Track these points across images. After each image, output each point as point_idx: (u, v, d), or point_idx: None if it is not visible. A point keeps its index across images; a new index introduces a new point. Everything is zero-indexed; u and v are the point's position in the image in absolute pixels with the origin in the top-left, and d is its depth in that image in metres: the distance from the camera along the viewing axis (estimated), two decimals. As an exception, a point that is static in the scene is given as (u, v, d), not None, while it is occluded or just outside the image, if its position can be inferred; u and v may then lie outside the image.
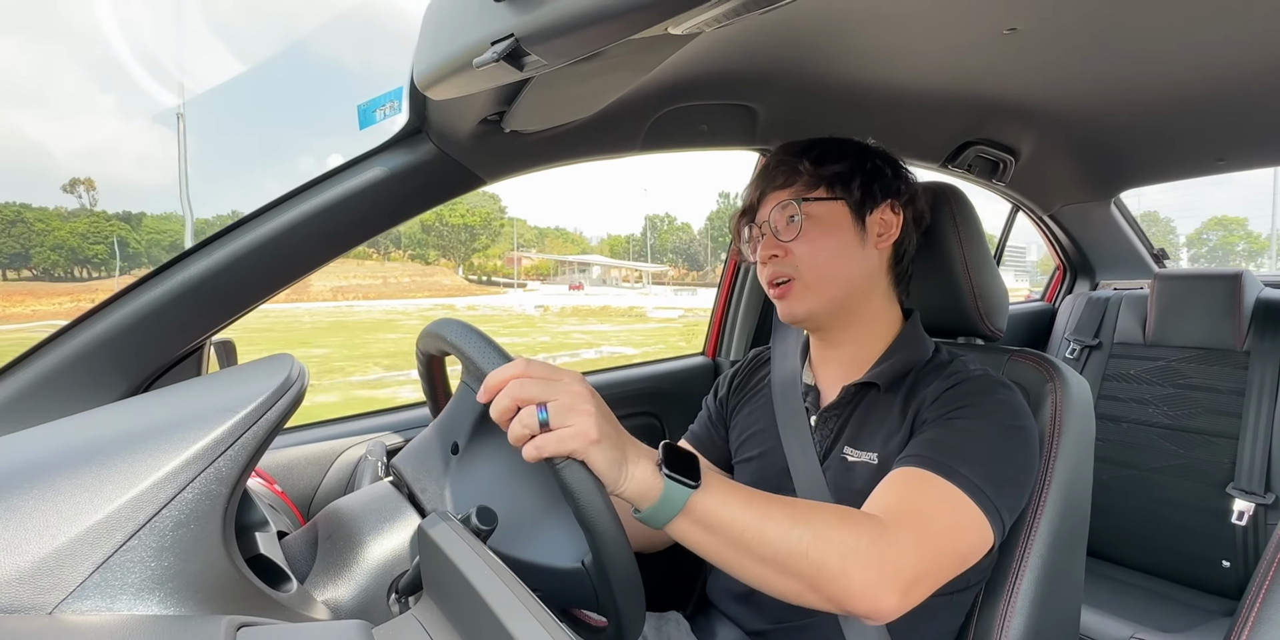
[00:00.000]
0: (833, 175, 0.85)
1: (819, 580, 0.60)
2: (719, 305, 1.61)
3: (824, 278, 0.84)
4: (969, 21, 0.93)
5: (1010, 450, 0.74)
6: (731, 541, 0.61)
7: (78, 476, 0.49)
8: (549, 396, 0.56)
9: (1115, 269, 2.18)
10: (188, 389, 0.70)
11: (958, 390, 0.78)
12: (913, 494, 0.69)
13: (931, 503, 0.68)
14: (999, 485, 0.70)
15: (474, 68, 0.57)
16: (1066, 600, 0.84)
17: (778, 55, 1.01)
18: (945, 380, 0.80)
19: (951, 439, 0.73)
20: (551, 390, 0.56)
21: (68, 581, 0.45)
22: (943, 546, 0.66)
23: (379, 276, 52.23)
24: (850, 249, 0.84)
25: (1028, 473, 0.75)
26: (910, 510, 0.66)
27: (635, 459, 0.59)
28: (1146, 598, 1.58)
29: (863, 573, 0.60)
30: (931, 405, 0.78)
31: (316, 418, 1.12)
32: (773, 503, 0.63)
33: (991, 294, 0.93)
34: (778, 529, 0.61)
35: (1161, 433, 1.68)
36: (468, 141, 0.90)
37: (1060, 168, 1.71)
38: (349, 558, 0.62)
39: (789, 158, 0.87)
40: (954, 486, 0.68)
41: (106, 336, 0.80)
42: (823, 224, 0.84)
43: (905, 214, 0.88)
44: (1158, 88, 1.20)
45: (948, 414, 0.76)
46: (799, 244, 0.84)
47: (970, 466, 0.70)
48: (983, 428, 0.74)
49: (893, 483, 0.71)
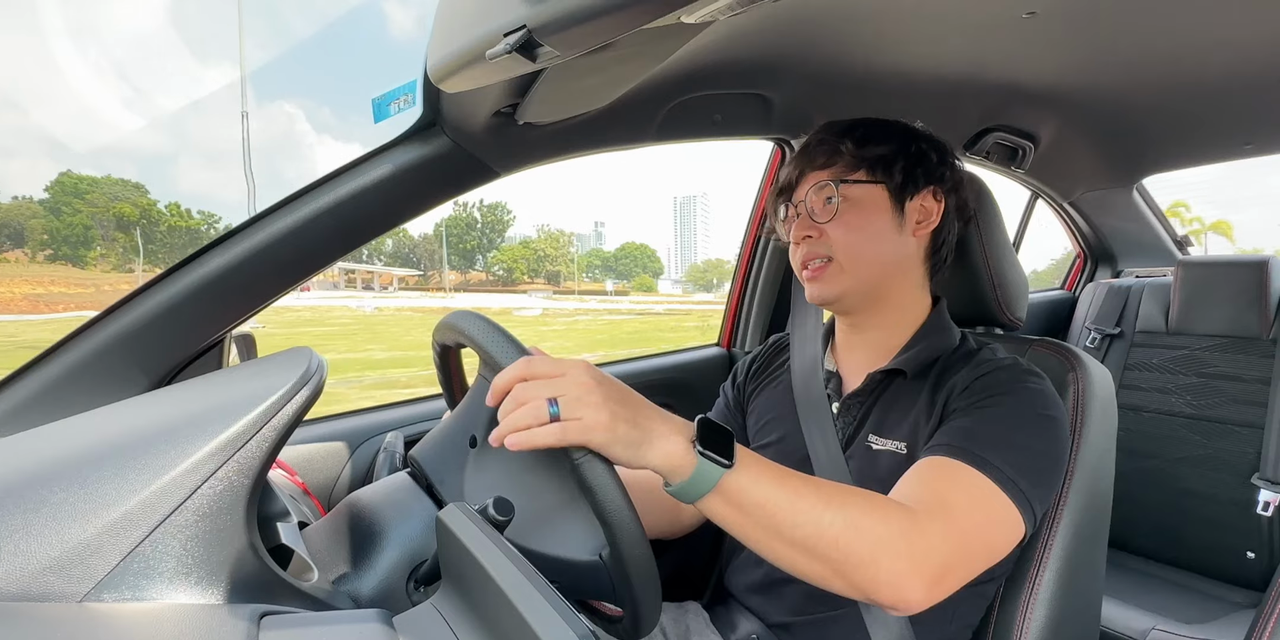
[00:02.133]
0: (875, 158, 0.83)
1: (846, 566, 0.60)
2: (734, 294, 1.60)
3: (858, 261, 0.82)
4: (987, 5, 0.92)
5: (1042, 440, 0.72)
6: (762, 521, 0.61)
7: (104, 468, 0.50)
8: (555, 393, 0.56)
9: (1137, 256, 2.14)
10: (210, 382, 0.71)
11: (988, 379, 0.77)
12: (943, 484, 0.67)
13: (962, 494, 0.66)
14: (1031, 476, 0.69)
15: (487, 60, 0.57)
16: (1088, 591, 0.83)
17: (792, 42, 0.99)
18: (974, 368, 0.79)
19: (983, 428, 0.72)
20: (557, 387, 0.56)
21: (96, 571, 0.46)
22: (973, 539, 0.65)
23: (89, 285, 44.20)
24: (886, 234, 0.83)
25: (1059, 463, 0.74)
26: (940, 501, 0.65)
27: (665, 435, 0.59)
28: (1168, 589, 1.57)
29: (891, 563, 0.59)
30: (961, 394, 0.77)
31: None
32: (806, 484, 0.62)
33: (1011, 283, 0.92)
34: (809, 512, 0.60)
35: (1185, 422, 1.65)
36: (481, 134, 0.90)
37: (1081, 154, 1.68)
38: (369, 548, 0.63)
39: (830, 137, 0.85)
40: (985, 477, 0.67)
41: (130, 331, 0.82)
42: (860, 207, 0.82)
43: (948, 202, 0.86)
44: (1181, 70, 1.17)
45: (978, 402, 0.75)
46: (834, 226, 0.82)
47: (1002, 457, 0.68)
48: (1015, 417, 0.73)
49: (922, 472, 0.70)
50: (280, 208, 0.87)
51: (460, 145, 0.90)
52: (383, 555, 0.62)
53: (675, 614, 0.95)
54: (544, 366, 0.57)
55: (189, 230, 53.09)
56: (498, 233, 69.91)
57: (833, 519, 0.60)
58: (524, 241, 75.62)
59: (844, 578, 0.61)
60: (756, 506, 0.60)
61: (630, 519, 0.56)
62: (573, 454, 0.56)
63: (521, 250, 73.10)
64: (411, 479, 0.72)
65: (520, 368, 0.57)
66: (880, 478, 0.79)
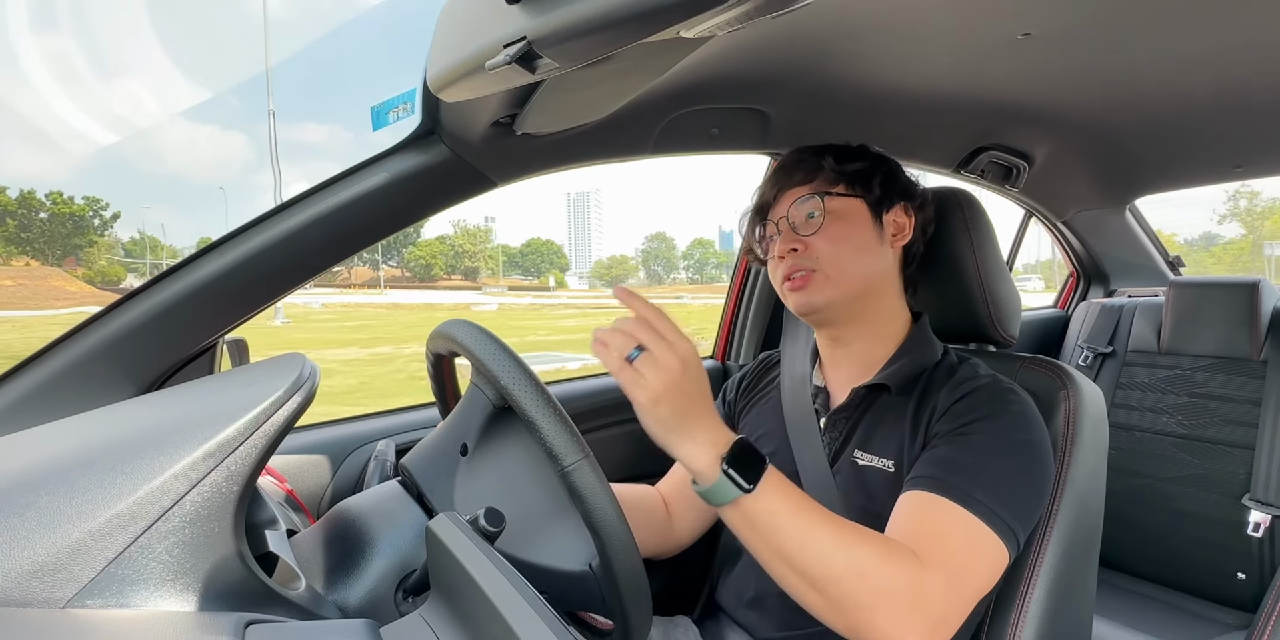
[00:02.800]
0: (854, 173, 0.86)
1: (844, 605, 0.62)
2: (729, 308, 1.61)
3: (845, 271, 0.84)
4: (983, 27, 0.93)
5: (1025, 468, 0.73)
6: (771, 544, 0.64)
7: (92, 472, 0.49)
8: (650, 345, 0.62)
9: (1130, 276, 2.16)
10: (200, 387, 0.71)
11: (969, 400, 0.78)
12: (933, 526, 0.69)
13: (954, 536, 0.68)
14: (1014, 506, 0.70)
15: (486, 70, 0.58)
16: (1078, 610, 0.83)
17: (790, 59, 1.01)
18: (954, 389, 0.80)
19: (965, 457, 0.72)
20: (655, 343, 0.62)
21: (80, 576, 0.45)
22: (969, 586, 0.67)
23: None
24: (870, 245, 0.85)
25: (1043, 489, 0.75)
26: (936, 547, 0.66)
27: (700, 440, 0.64)
28: (1160, 609, 1.56)
29: (889, 613, 0.61)
30: (943, 417, 0.78)
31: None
32: (823, 521, 0.64)
33: (1004, 300, 0.92)
34: (818, 548, 0.63)
35: (1176, 442, 1.66)
36: (480, 144, 0.90)
37: (1074, 174, 1.69)
38: (357, 557, 0.62)
39: (808, 156, 0.89)
40: (971, 514, 0.68)
41: (120, 335, 0.81)
42: (844, 219, 0.85)
43: (917, 218, 0.89)
44: (1174, 93, 1.19)
45: (960, 428, 0.75)
46: (819, 239, 0.84)
47: (985, 490, 0.69)
48: (997, 445, 0.73)
49: (910, 511, 0.71)
50: (277, 213, 0.87)
51: (458, 154, 0.91)
52: (371, 564, 0.62)
53: (665, 628, 0.94)
54: (667, 325, 0.64)
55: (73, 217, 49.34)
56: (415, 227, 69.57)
57: (840, 559, 0.62)
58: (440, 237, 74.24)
59: (841, 616, 0.63)
60: (769, 528, 0.63)
61: (621, 528, 0.56)
62: (563, 461, 0.56)
63: (439, 246, 71.82)
64: (402, 488, 0.71)
65: (651, 311, 0.64)
66: (868, 493, 0.80)
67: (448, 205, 0.96)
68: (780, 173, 0.90)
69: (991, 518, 0.68)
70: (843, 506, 0.81)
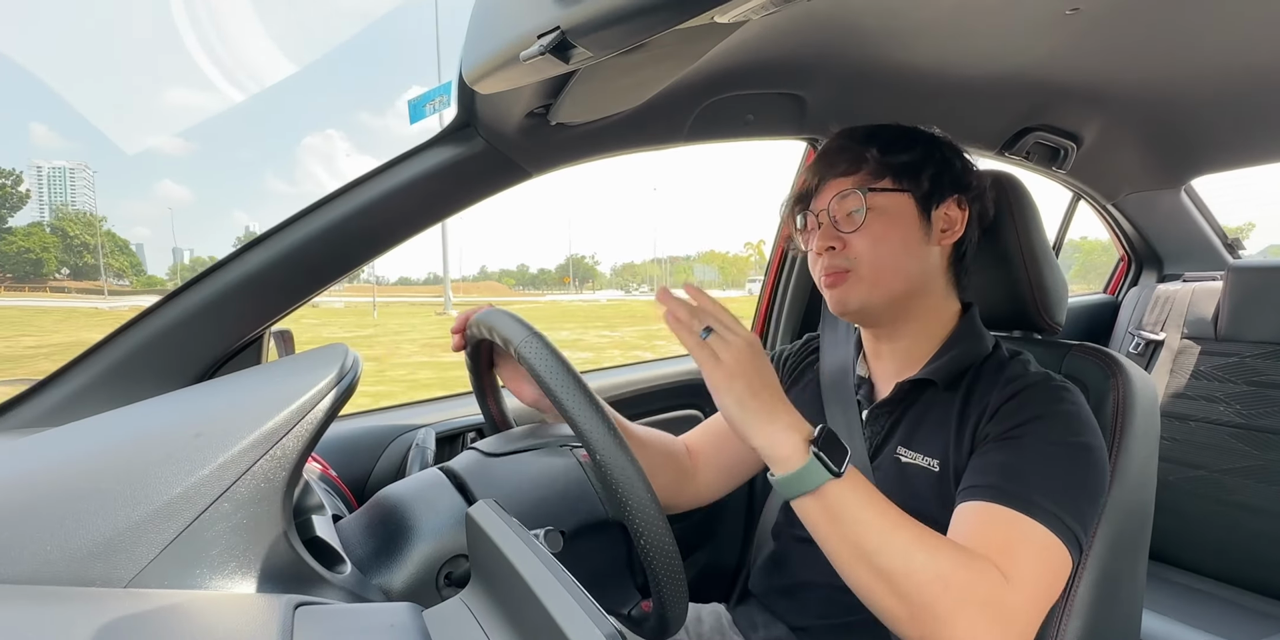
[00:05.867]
0: (900, 165, 0.80)
1: (924, 614, 0.59)
2: (764, 297, 1.59)
3: (882, 273, 0.79)
4: (1028, 2, 0.90)
5: (1081, 469, 0.70)
6: (850, 538, 0.62)
7: (149, 458, 0.51)
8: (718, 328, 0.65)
9: (1185, 260, 2.07)
10: (249, 377, 0.73)
11: (1020, 400, 0.74)
12: (1002, 538, 0.65)
13: (1026, 549, 0.65)
14: (1076, 509, 0.67)
15: (521, 61, 0.58)
16: (1127, 604, 0.81)
17: (827, 41, 0.98)
18: (1005, 387, 0.76)
19: (1022, 463, 0.69)
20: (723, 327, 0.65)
21: (140, 558, 0.47)
22: (1046, 597, 0.64)
23: None
24: (913, 244, 0.80)
25: (1099, 489, 0.72)
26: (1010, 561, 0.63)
27: (784, 422, 0.64)
28: (1216, 604, 1.51)
29: (970, 626, 0.58)
30: (994, 418, 0.74)
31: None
32: (905, 520, 0.63)
33: (1050, 287, 0.89)
34: (902, 546, 0.61)
35: (1233, 432, 1.59)
36: (515, 135, 0.90)
37: (1126, 154, 1.63)
38: (400, 543, 0.64)
39: (853, 144, 0.82)
40: (1037, 523, 0.65)
41: (173, 327, 0.84)
42: (887, 216, 0.79)
43: (971, 210, 0.83)
44: (1233, 65, 1.13)
45: (1013, 430, 0.72)
46: (859, 237, 0.79)
47: (1047, 496, 0.67)
48: (1052, 448, 0.70)
49: (974, 523, 0.67)
50: (319, 207, 0.89)
51: (494, 146, 0.91)
52: (414, 550, 0.63)
53: (698, 615, 0.95)
54: (729, 318, 0.66)
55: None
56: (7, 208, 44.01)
57: (924, 562, 0.60)
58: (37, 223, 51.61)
59: (915, 622, 0.60)
60: (852, 521, 0.61)
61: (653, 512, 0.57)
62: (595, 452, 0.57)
63: (47, 237, 50.01)
64: (443, 475, 0.73)
65: (715, 307, 0.67)
66: (910, 492, 0.77)
67: (485, 196, 0.97)
68: (823, 160, 0.84)
69: (1057, 524, 0.65)
70: None
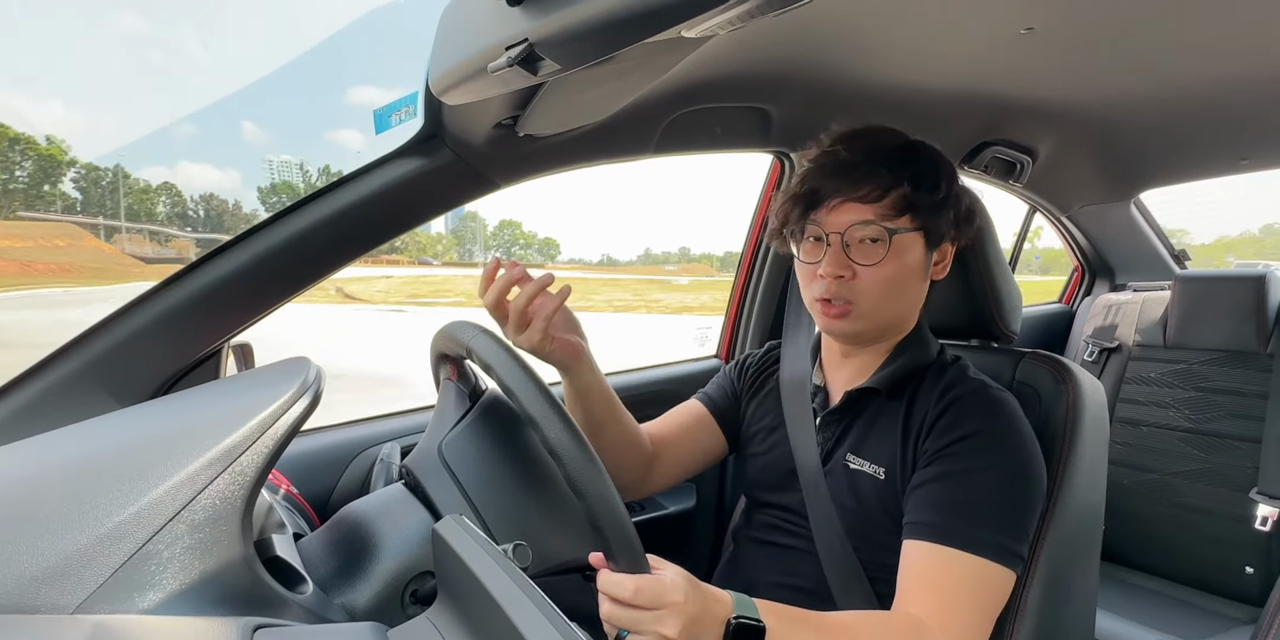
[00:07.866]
0: (929, 206, 0.78)
1: None
2: (733, 303, 1.58)
3: (882, 308, 0.81)
4: (986, 21, 0.93)
5: (1018, 489, 0.73)
6: None
7: (97, 479, 0.49)
8: (634, 630, 0.54)
9: (1135, 270, 2.15)
10: (206, 392, 0.71)
11: (953, 414, 0.77)
12: (946, 580, 0.69)
13: (967, 584, 0.69)
14: (1015, 530, 0.72)
15: (489, 73, 0.58)
16: (1080, 604, 0.83)
17: (792, 57, 1.00)
18: (941, 398, 0.79)
19: (959, 495, 0.73)
20: (638, 625, 0.54)
21: (88, 582, 0.45)
22: (988, 621, 0.69)
23: None
24: (914, 281, 0.82)
25: (1037, 501, 0.75)
26: (953, 602, 0.68)
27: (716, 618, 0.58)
28: (1167, 604, 1.56)
29: None
30: (930, 434, 0.77)
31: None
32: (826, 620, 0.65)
33: (1005, 297, 0.92)
34: None
35: (1183, 436, 1.65)
36: (482, 146, 0.90)
37: (1079, 168, 1.69)
38: (364, 560, 0.63)
39: (881, 169, 0.78)
40: (979, 559, 0.69)
41: (126, 340, 0.81)
42: (902, 257, 0.79)
43: (959, 244, 0.86)
44: (1179, 86, 1.18)
45: (948, 448, 0.75)
46: (872, 272, 0.78)
47: (988, 527, 0.70)
48: (987, 476, 0.73)
49: (920, 567, 0.71)
50: (281, 217, 0.87)
51: (461, 157, 0.91)
52: (378, 567, 0.62)
53: None
54: (648, 599, 0.54)
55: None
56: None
57: None
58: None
59: None
60: None
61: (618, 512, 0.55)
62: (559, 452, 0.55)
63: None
64: (407, 490, 0.71)
65: (627, 591, 0.54)
66: (856, 497, 0.81)
67: (452, 207, 0.96)
68: (844, 174, 0.79)
69: (999, 553, 0.69)
70: (832, 507, 0.82)
